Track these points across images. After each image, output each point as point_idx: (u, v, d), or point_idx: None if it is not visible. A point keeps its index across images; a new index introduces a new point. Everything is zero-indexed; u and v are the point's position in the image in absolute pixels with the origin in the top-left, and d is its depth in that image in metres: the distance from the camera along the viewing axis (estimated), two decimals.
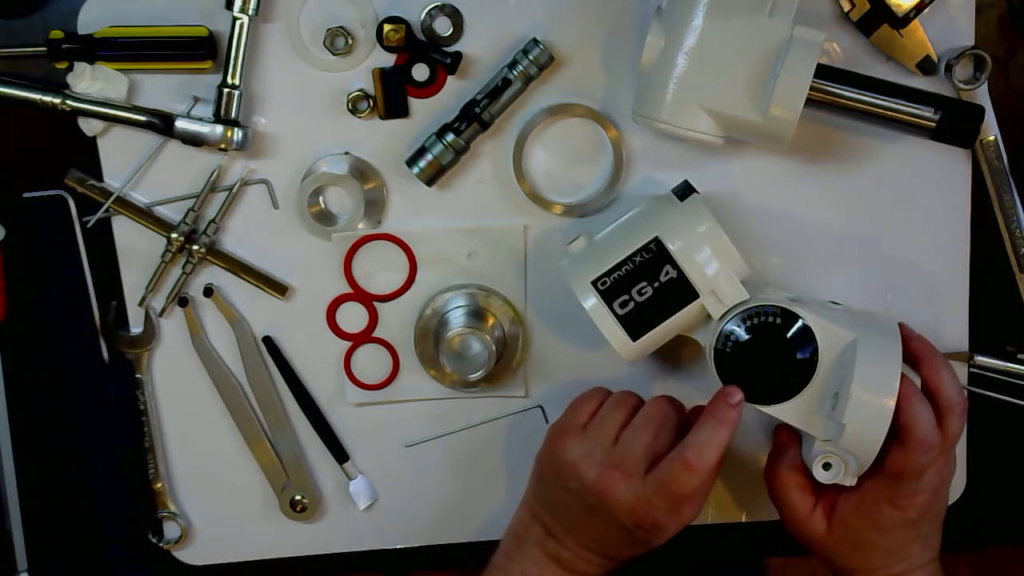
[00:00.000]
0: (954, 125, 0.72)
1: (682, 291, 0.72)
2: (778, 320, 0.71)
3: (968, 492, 0.85)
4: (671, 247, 0.72)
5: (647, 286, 0.72)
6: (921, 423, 0.69)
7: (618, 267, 0.72)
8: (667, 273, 0.72)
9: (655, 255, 0.72)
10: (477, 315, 0.81)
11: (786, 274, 0.82)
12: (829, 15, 0.77)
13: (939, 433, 0.70)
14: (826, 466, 0.70)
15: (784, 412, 0.72)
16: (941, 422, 0.70)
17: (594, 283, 0.73)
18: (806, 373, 0.71)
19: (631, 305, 0.72)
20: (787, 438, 0.78)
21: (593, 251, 0.74)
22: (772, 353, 0.72)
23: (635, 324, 0.73)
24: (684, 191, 0.75)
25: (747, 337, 0.72)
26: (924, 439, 0.69)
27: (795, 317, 0.71)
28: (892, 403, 0.68)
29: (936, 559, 0.76)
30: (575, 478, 0.72)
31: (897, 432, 0.69)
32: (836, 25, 0.77)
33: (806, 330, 0.71)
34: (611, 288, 0.72)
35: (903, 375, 0.69)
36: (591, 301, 0.73)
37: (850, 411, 0.68)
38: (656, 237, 0.72)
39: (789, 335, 0.71)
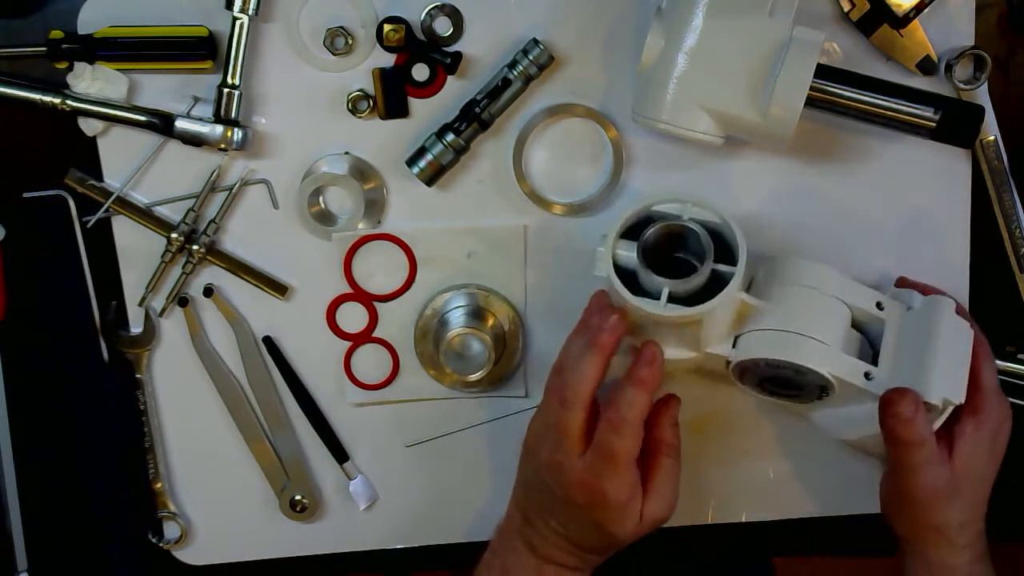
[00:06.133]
0: (954, 125, 0.72)
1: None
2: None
3: None
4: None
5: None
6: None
7: None
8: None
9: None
10: (477, 315, 0.81)
11: None
12: (829, 15, 0.77)
13: None
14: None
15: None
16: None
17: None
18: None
19: None
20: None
21: None
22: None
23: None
24: None
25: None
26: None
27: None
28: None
29: None
30: (534, 457, 0.74)
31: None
32: (836, 25, 0.77)
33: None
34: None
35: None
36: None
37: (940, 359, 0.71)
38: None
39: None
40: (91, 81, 0.76)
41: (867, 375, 0.71)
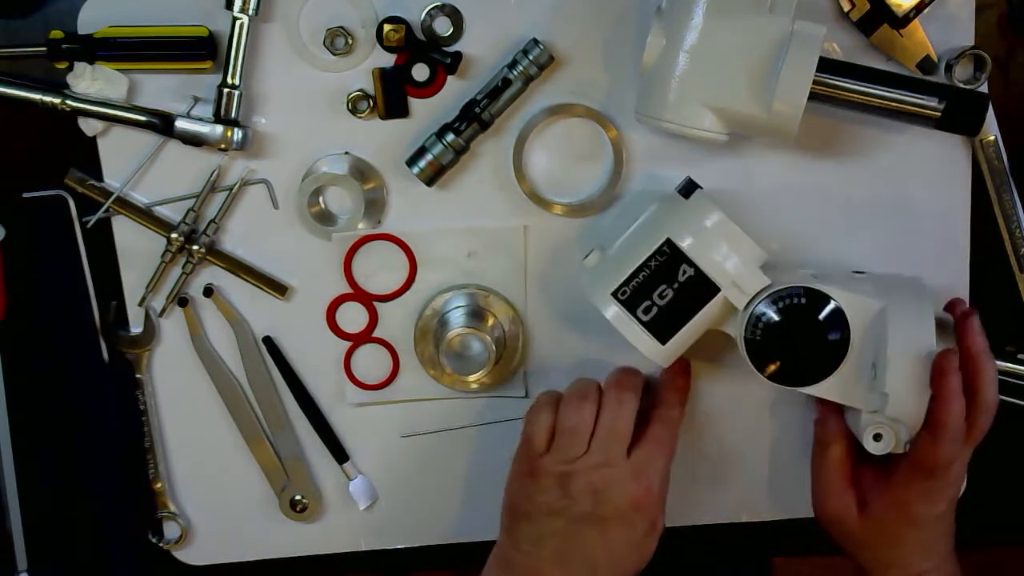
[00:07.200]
0: (959, 113, 0.72)
1: (703, 287, 0.72)
2: (803, 300, 0.71)
3: (968, 492, 0.85)
4: (684, 245, 0.72)
5: (667, 288, 0.72)
6: (954, 419, 0.70)
7: (635, 275, 0.72)
8: (684, 272, 0.72)
9: (669, 256, 0.72)
10: (477, 315, 0.81)
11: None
12: (829, 15, 0.77)
13: (965, 426, 0.71)
14: (877, 437, 0.70)
15: (825, 390, 0.72)
16: (972, 418, 0.71)
17: (614, 294, 0.72)
18: (841, 349, 0.71)
19: (655, 310, 0.72)
20: (828, 413, 0.80)
21: (609, 263, 0.74)
22: (804, 334, 0.72)
23: (662, 327, 0.72)
24: (688, 188, 0.74)
25: (776, 320, 0.71)
26: (955, 433, 0.70)
27: (821, 295, 0.71)
28: (931, 360, 0.70)
29: (954, 553, 0.77)
30: (563, 497, 0.73)
31: (928, 424, 0.71)
32: (836, 25, 0.77)
33: (834, 306, 0.71)
34: (632, 296, 0.72)
35: (955, 370, 0.69)
36: (613, 312, 0.73)
37: (890, 378, 0.69)
38: (667, 239, 0.72)
39: (818, 314, 0.72)
40: (91, 81, 0.76)
41: None
